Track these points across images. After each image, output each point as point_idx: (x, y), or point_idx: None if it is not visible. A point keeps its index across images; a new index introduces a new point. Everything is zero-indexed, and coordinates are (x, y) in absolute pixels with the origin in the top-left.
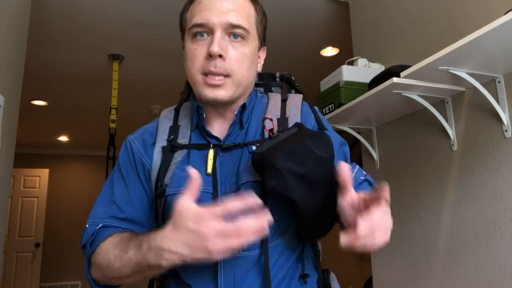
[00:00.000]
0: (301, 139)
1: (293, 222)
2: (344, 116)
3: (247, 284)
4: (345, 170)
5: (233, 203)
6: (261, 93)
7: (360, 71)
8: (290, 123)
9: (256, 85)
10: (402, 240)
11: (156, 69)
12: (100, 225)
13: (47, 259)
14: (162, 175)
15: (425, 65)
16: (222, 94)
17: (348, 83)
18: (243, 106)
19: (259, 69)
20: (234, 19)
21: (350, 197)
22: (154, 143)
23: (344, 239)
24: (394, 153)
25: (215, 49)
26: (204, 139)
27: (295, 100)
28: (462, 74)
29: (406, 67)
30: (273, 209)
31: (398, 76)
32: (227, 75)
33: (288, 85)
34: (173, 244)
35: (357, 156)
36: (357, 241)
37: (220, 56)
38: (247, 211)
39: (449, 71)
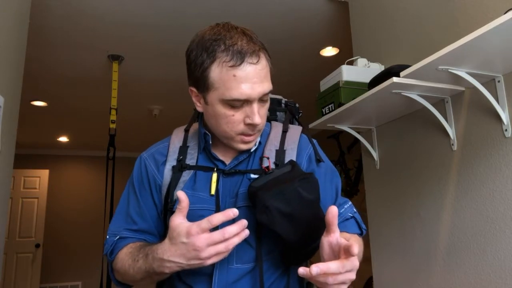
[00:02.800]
0: (291, 181)
1: (279, 245)
2: (344, 116)
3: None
4: (333, 214)
5: (217, 217)
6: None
7: (360, 71)
8: (287, 155)
9: None
10: (402, 240)
11: (155, 69)
12: (118, 237)
13: (47, 260)
14: (172, 191)
15: (424, 64)
16: (252, 145)
17: (348, 83)
18: (259, 143)
19: None
20: (267, 88)
21: (332, 238)
22: (165, 162)
23: (301, 270)
24: (394, 153)
25: (259, 121)
26: (210, 162)
27: (294, 133)
28: (462, 73)
29: (405, 66)
30: (264, 232)
31: (398, 75)
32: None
33: (291, 115)
34: (171, 255)
35: (357, 156)
36: (311, 278)
37: None
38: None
39: (449, 70)
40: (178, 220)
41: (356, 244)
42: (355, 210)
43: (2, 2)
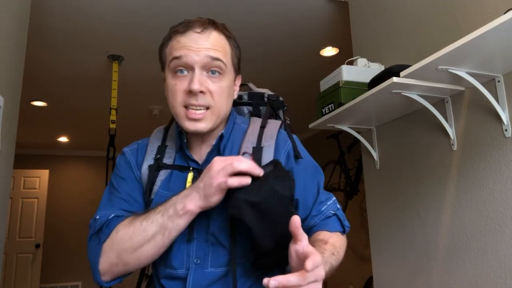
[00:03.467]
0: (266, 177)
1: (252, 247)
2: (344, 116)
3: None
4: (296, 224)
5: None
6: (249, 111)
7: (360, 70)
8: (264, 153)
9: (246, 104)
10: (402, 239)
11: (155, 69)
12: (113, 215)
13: (47, 260)
14: (148, 191)
15: (424, 64)
16: (202, 126)
17: (348, 83)
18: (221, 136)
19: (235, 96)
20: (212, 54)
21: (299, 246)
22: (143, 160)
23: (264, 281)
24: (394, 152)
25: (196, 86)
26: (186, 162)
27: (272, 129)
28: (462, 73)
29: (405, 66)
30: (240, 234)
31: (398, 75)
32: (207, 108)
33: (271, 109)
34: (196, 183)
35: (357, 156)
36: None
37: (201, 91)
38: None
39: (449, 70)
40: None
41: (313, 258)
42: (338, 206)
43: (2, 2)
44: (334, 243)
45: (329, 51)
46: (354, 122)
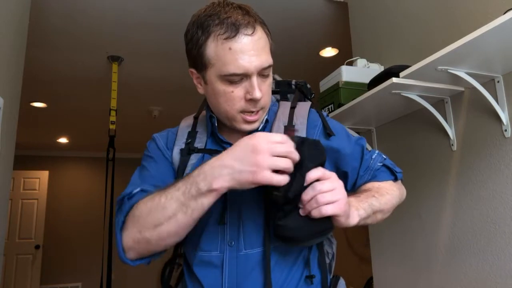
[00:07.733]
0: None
1: None
2: (344, 116)
3: (249, 282)
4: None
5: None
6: (277, 100)
7: (360, 71)
8: (296, 131)
9: (274, 92)
10: (402, 239)
11: (155, 70)
12: (139, 188)
13: (47, 261)
14: (180, 175)
15: (424, 65)
16: (256, 125)
17: (348, 83)
18: (266, 121)
19: None
20: (265, 61)
21: None
22: (174, 144)
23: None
24: (394, 153)
25: (259, 95)
26: (219, 145)
27: (303, 108)
28: (461, 74)
29: (405, 67)
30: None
31: (397, 76)
32: (261, 108)
33: (301, 93)
34: (226, 157)
35: None
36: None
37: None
38: None
39: (448, 71)
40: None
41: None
42: (384, 156)
43: (1, 2)
44: (378, 188)
45: (328, 52)
46: (354, 123)
